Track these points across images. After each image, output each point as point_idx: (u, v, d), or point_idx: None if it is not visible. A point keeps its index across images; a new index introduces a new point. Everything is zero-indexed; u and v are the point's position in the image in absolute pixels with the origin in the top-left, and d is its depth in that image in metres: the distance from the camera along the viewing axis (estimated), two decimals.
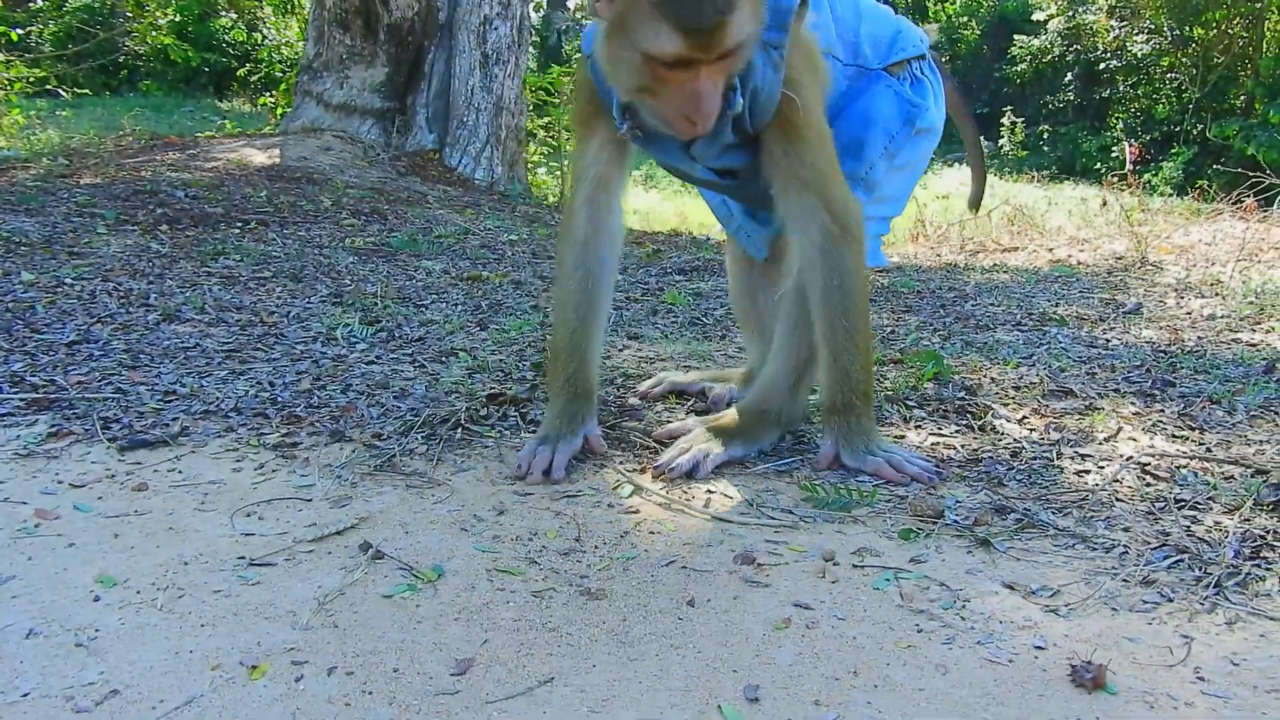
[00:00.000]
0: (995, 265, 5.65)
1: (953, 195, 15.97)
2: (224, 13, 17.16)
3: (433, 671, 1.41)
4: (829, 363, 2.13)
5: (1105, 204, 9.22)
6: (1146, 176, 18.25)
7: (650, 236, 6.92)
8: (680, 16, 1.72)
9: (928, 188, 17.67)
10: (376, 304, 3.41)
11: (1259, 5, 20.08)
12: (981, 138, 3.15)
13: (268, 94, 10.36)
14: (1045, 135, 22.72)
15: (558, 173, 9.49)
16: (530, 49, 9.54)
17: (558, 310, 2.23)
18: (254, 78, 12.67)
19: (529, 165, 9.20)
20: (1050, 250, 6.30)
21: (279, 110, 9.45)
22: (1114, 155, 19.49)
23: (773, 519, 1.94)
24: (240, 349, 2.83)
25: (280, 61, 10.46)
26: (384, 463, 2.10)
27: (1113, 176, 13.50)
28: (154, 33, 10.92)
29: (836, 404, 2.16)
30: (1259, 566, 1.73)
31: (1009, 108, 22.17)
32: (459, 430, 2.28)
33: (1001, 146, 22.18)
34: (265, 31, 13.99)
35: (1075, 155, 21.55)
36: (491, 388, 2.57)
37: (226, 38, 18.26)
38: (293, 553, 1.73)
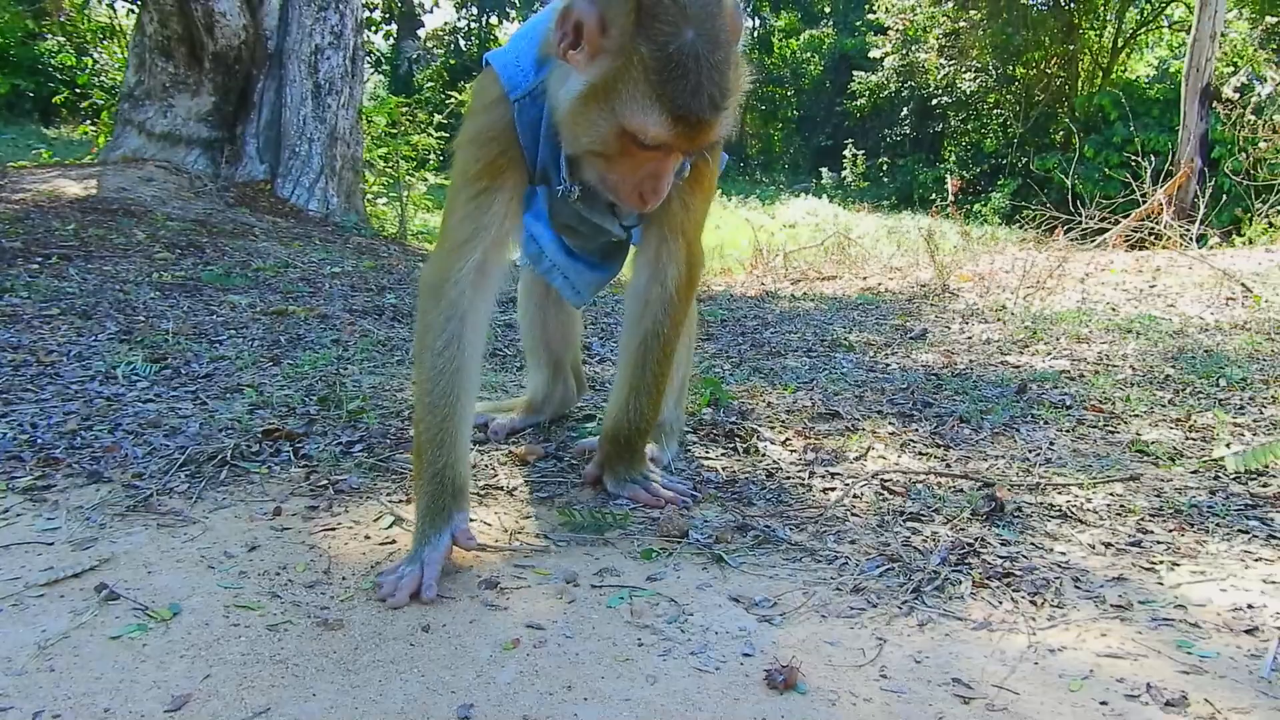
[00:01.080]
0: (806, 294, 5.92)
1: (799, 224, 16.53)
2: (50, 35, 16.38)
3: (146, 709, 1.42)
4: (627, 395, 2.22)
5: (930, 234, 9.77)
6: (977, 206, 19.35)
7: None
8: (678, 105, 1.63)
9: (775, 217, 18.24)
10: (168, 341, 3.35)
11: (1072, 47, 21.61)
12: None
13: (90, 122, 9.94)
14: (885, 167, 23.82)
15: (397, 204, 9.42)
16: (366, 79, 9.46)
17: (425, 392, 1.91)
18: (84, 104, 12.14)
19: (367, 196, 9.12)
20: (864, 279, 6.62)
21: (100, 139, 9.09)
22: (947, 186, 20.58)
23: (526, 544, 2.01)
24: (8, 390, 2.74)
25: (104, 88, 10.05)
26: (139, 503, 2.08)
27: (941, 205, 14.25)
28: None
29: (618, 434, 2.25)
30: (959, 571, 1.90)
31: (850, 140, 23.17)
32: (225, 468, 2.28)
33: (844, 177, 23.13)
34: (96, 56, 13.42)
35: (913, 186, 22.65)
36: (270, 423, 2.57)
37: (53, 62, 17.42)
38: (21, 599, 1.70)
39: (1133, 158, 9.01)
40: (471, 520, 2.10)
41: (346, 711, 1.44)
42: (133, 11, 9.68)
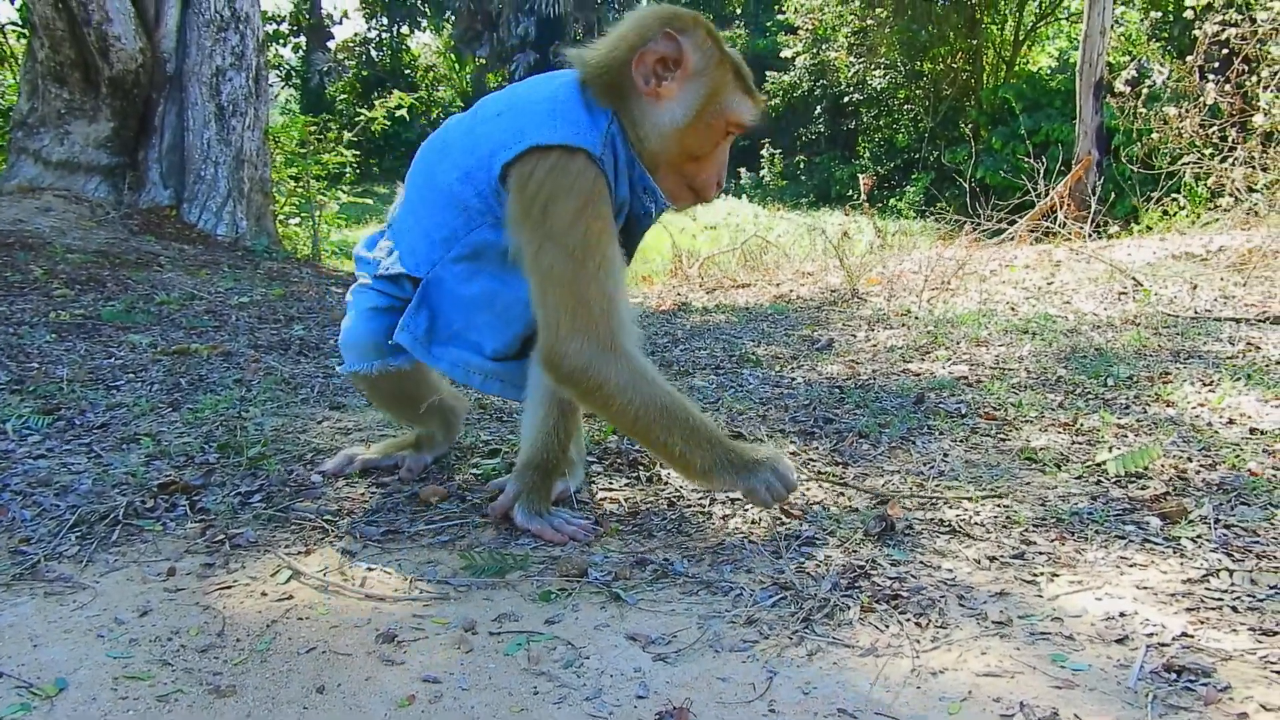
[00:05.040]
0: (720, 304, 5.98)
1: (719, 226, 16.64)
2: None
3: None
4: (552, 425, 2.27)
5: (844, 234, 9.93)
6: (892, 201, 19.71)
7: None
8: (754, 89, 2.16)
9: (696, 220, 18.32)
10: (62, 389, 3.27)
11: (976, 42, 22.14)
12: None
13: None
14: (802, 165, 24.12)
15: (309, 224, 9.29)
16: (273, 97, 9.31)
17: (657, 409, 2.10)
18: None
19: (279, 217, 8.97)
20: (777, 285, 6.72)
21: None
22: (861, 184, 20.93)
23: (425, 592, 2.02)
24: None
25: None
26: (26, 570, 2.04)
27: (855, 202, 14.49)
28: None
29: (540, 461, 2.28)
30: (849, 596, 1.95)
31: (767, 140, 23.40)
32: (118, 527, 2.24)
33: (763, 177, 23.35)
34: None
35: (830, 184, 22.98)
36: (166, 475, 2.53)
37: None
38: None
39: (1025, 159, 9.26)
40: (370, 570, 2.10)
41: None
42: (23, 37, 9.38)
